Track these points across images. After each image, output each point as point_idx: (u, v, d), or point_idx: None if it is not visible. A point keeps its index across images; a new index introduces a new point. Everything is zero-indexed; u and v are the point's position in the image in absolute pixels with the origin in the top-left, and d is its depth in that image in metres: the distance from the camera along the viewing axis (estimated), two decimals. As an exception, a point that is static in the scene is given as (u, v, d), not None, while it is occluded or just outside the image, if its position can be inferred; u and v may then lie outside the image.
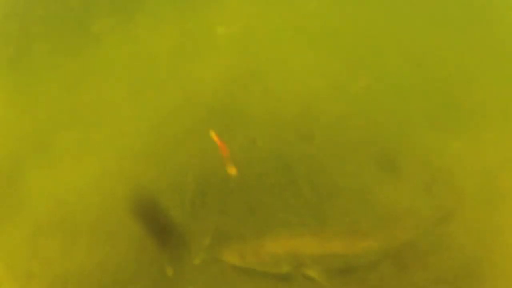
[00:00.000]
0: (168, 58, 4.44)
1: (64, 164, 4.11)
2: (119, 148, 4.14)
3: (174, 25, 4.57)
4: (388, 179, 3.74)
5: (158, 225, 3.72)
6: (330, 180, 3.75)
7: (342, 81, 4.16)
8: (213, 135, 3.79)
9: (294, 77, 4.24)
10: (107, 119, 4.29)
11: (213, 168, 3.80)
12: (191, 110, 4.15)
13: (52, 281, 3.59)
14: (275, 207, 3.67)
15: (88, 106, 4.32)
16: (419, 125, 3.99)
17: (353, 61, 4.23)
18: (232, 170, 3.74)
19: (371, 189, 3.68)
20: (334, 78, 4.18)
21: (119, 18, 4.58)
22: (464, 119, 4.03)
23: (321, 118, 4.02)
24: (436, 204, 3.63)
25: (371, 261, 3.34)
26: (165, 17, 4.63)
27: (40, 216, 3.85)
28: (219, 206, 3.73)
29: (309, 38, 4.36)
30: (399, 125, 4.02)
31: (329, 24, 4.37)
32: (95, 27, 4.52)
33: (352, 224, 3.48)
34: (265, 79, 4.24)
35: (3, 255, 3.70)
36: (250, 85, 4.22)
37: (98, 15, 4.58)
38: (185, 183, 3.83)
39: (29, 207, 3.90)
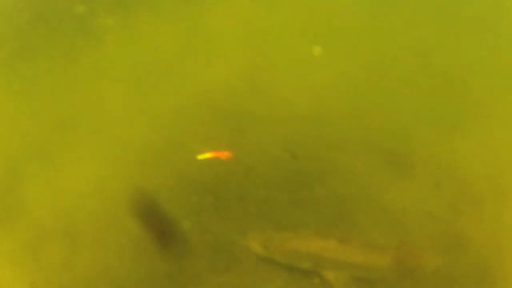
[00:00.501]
0: (172, 58, 4.33)
1: (65, 169, 3.99)
2: (122, 152, 4.05)
3: (178, 24, 4.46)
4: (399, 180, 3.71)
5: (163, 230, 3.65)
6: (343, 182, 3.72)
7: (351, 81, 4.13)
8: (202, 156, 3.67)
9: (303, 77, 4.19)
10: (109, 122, 4.18)
11: (224, 169, 3.73)
12: (197, 111, 4.08)
13: (56, 291, 3.50)
14: (288, 207, 3.66)
15: (89, 109, 4.20)
16: (428, 124, 3.98)
17: (363, 60, 4.19)
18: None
19: (384, 190, 3.66)
20: (343, 78, 4.13)
21: (120, 15, 4.46)
22: (474, 118, 4.01)
23: (331, 118, 3.99)
24: (448, 204, 3.63)
25: (389, 275, 3.38)
26: (169, 15, 4.52)
27: (41, 223, 3.74)
28: (231, 209, 3.69)
29: (318, 38, 4.30)
30: (408, 125, 4.00)
31: (338, 24, 4.32)
32: (95, 26, 4.39)
33: (371, 234, 3.49)
34: (274, 79, 4.18)
35: (5, 265, 3.59)
36: (258, 85, 4.15)
37: (98, 13, 4.45)
38: (192, 186, 3.76)
39: (30, 215, 3.78)
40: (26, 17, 4.54)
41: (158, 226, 3.66)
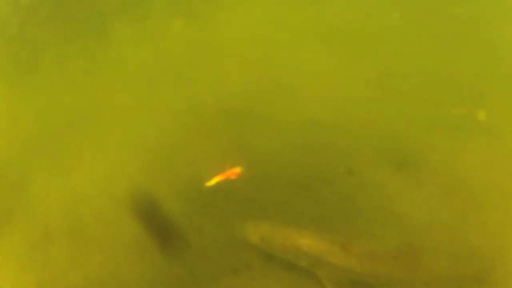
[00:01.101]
0: (183, 61, 4.35)
1: (72, 169, 4.01)
2: (129, 152, 4.06)
3: (190, 27, 4.46)
4: (408, 189, 3.73)
5: (170, 231, 3.63)
6: (352, 189, 3.73)
7: (365, 90, 4.14)
8: (211, 182, 3.65)
9: (318, 84, 4.20)
10: (117, 123, 4.20)
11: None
12: (207, 114, 4.08)
13: (63, 291, 3.47)
14: (297, 211, 3.66)
15: (97, 110, 4.24)
16: (438, 135, 4.00)
17: (377, 70, 4.23)
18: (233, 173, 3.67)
19: (393, 198, 3.68)
20: (357, 87, 4.16)
21: (132, 18, 4.44)
22: (482, 129, 4.05)
23: (343, 125, 4.01)
24: (455, 212, 3.66)
25: (387, 282, 3.36)
26: (181, 18, 4.52)
27: (48, 223, 3.74)
28: (241, 210, 3.68)
29: (329, 44, 4.33)
30: (418, 135, 4.03)
31: (354, 33, 4.34)
32: (107, 28, 4.36)
33: (376, 240, 3.49)
34: (288, 84, 4.19)
35: (12, 265, 3.57)
36: (271, 89, 4.17)
37: (109, 16, 4.43)
38: (202, 188, 3.74)
39: (36, 214, 3.79)
40: (37, 18, 4.52)
41: (165, 227, 3.64)
